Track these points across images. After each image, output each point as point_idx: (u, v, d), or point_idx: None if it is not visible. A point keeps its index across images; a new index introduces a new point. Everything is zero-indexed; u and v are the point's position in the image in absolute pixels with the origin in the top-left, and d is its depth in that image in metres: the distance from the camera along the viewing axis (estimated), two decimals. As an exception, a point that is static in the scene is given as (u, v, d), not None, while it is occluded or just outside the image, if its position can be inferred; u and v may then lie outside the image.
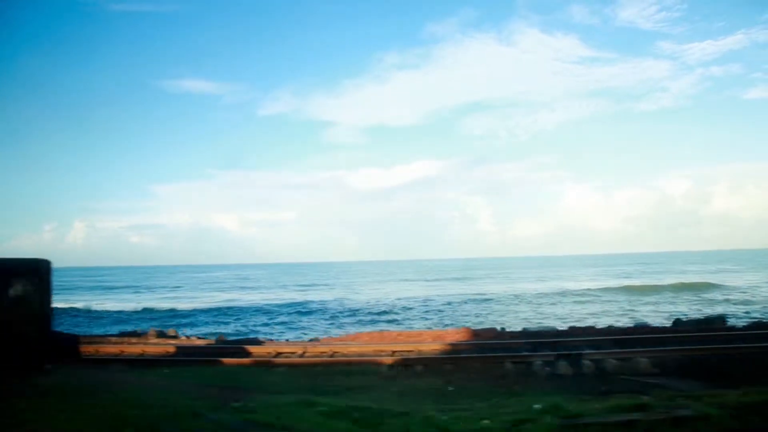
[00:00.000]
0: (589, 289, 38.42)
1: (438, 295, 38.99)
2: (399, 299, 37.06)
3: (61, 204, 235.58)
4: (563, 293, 36.96)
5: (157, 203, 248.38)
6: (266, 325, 25.58)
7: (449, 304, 32.67)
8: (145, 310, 33.92)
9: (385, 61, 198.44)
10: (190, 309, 32.95)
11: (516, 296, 36.29)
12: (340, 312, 30.03)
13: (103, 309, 34.98)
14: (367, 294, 45.03)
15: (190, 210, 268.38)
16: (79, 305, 36.34)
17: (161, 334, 15.32)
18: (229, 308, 32.86)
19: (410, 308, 31.04)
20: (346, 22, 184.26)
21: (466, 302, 33.61)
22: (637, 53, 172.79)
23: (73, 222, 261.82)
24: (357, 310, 30.51)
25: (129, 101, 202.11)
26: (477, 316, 26.53)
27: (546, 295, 36.60)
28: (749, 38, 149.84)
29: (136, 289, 63.78)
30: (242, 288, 60.37)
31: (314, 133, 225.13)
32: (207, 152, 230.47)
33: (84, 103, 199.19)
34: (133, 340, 14.02)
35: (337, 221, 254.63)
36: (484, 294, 39.22)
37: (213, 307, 34.20)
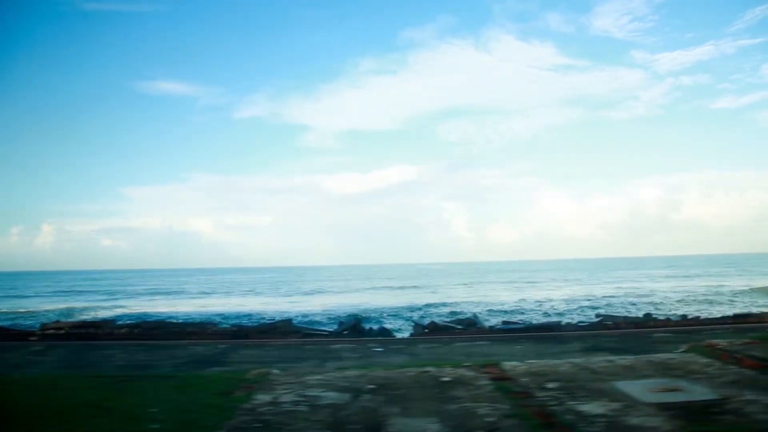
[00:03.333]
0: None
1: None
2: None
3: (29, 206, 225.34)
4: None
5: (129, 206, 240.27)
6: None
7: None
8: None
9: (362, 66, 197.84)
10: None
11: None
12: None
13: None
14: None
15: (164, 213, 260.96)
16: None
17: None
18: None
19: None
20: (322, 26, 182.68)
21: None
22: (611, 62, 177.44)
23: (41, 225, 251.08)
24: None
25: (101, 102, 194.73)
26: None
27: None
28: (718, 49, 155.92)
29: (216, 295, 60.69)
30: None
31: (290, 137, 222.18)
32: (182, 155, 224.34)
33: (54, 104, 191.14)
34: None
35: (314, 225, 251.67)
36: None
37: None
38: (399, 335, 15.48)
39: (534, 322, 18.41)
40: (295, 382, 6.55)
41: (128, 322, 18.87)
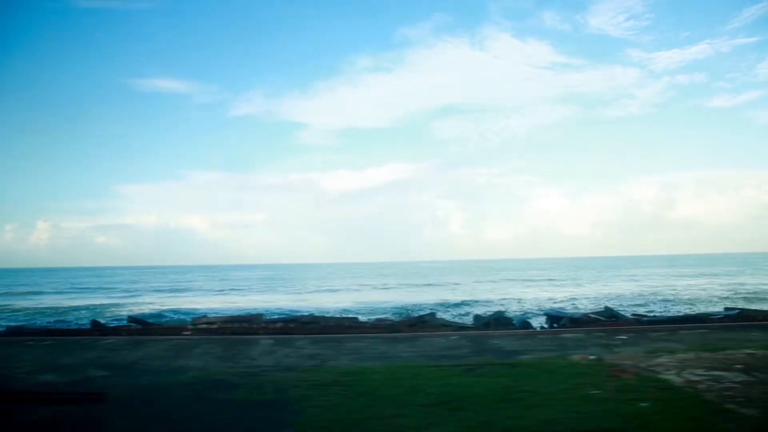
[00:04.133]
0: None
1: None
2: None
3: (23, 204, 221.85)
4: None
5: (124, 204, 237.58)
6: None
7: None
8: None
9: (358, 63, 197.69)
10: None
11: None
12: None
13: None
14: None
15: (160, 211, 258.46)
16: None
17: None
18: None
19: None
20: (318, 24, 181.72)
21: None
22: (607, 60, 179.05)
23: (35, 222, 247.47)
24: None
25: (96, 99, 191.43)
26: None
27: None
28: (713, 48, 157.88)
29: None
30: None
31: (286, 135, 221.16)
32: (177, 153, 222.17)
33: (48, 101, 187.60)
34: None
35: (310, 223, 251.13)
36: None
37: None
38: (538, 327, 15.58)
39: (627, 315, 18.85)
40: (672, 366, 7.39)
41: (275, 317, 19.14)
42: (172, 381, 7.31)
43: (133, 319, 18.23)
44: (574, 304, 31.00)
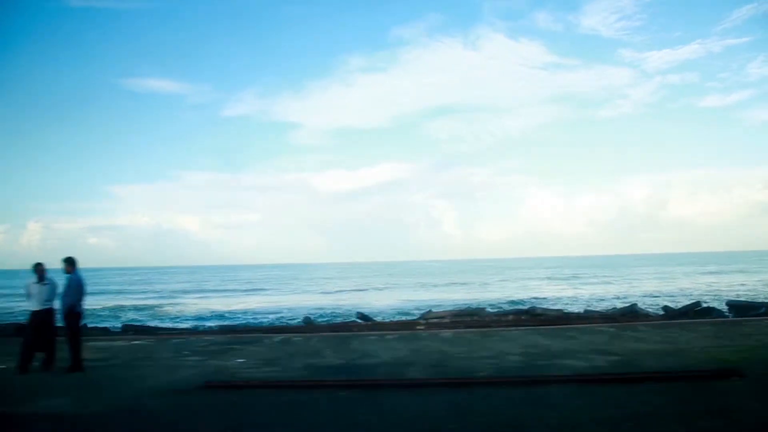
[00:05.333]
0: None
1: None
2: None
3: (15, 204, 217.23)
4: None
5: (117, 204, 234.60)
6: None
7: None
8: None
9: (351, 63, 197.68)
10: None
11: None
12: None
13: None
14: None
15: (152, 211, 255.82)
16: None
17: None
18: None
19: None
20: (311, 23, 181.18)
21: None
22: (599, 60, 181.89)
23: (26, 223, 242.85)
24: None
25: (89, 99, 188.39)
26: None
27: None
28: (705, 48, 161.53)
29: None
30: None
31: (279, 135, 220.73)
32: (170, 153, 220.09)
33: (40, 100, 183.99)
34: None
35: (303, 223, 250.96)
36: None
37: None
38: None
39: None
40: None
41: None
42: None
43: (361, 315, 21.00)
44: (652, 299, 31.89)
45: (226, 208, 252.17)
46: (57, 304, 8.49)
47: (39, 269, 8.54)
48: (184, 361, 9.07)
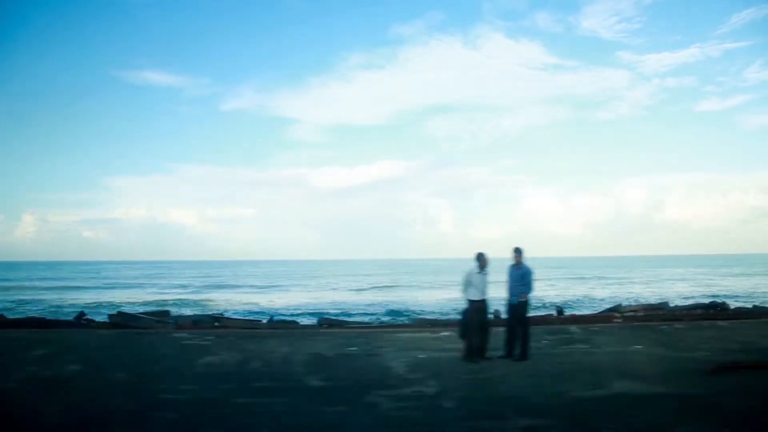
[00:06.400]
0: None
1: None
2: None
3: (9, 196, 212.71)
4: None
5: (112, 197, 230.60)
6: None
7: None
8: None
9: (351, 60, 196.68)
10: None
11: None
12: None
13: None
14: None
15: (148, 204, 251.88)
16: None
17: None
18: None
19: None
20: (311, 19, 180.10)
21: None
22: (598, 62, 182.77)
23: (21, 215, 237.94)
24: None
25: (84, 91, 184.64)
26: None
27: None
28: (703, 52, 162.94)
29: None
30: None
31: (277, 130, 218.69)
32: (166, 146, 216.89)
33: (36, 92, 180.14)
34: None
35: (299, 219, 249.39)
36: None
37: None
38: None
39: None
40: None
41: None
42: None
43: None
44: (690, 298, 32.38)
45: (222, 202, 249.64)
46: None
47: (482, 259, 8.40)
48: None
